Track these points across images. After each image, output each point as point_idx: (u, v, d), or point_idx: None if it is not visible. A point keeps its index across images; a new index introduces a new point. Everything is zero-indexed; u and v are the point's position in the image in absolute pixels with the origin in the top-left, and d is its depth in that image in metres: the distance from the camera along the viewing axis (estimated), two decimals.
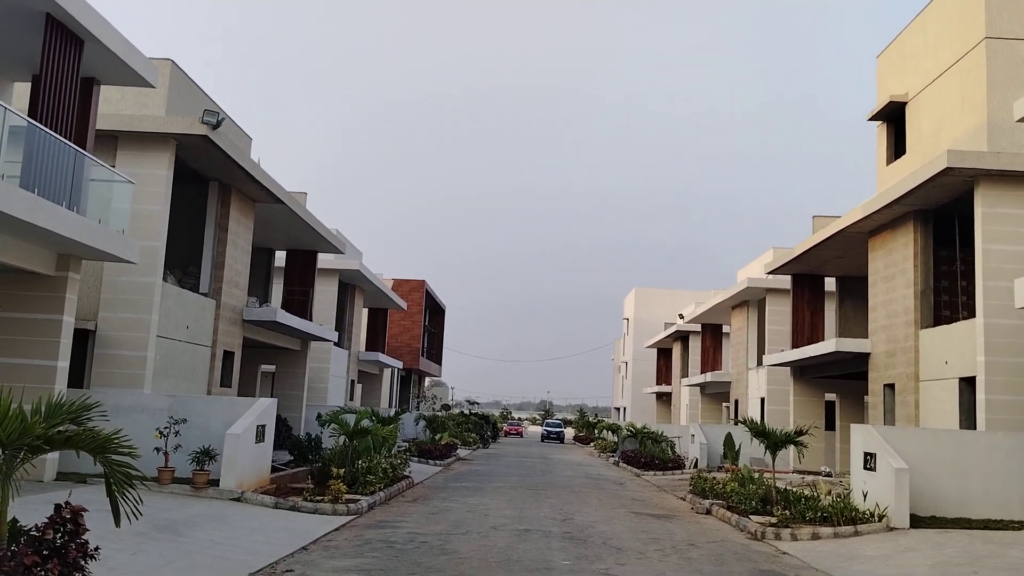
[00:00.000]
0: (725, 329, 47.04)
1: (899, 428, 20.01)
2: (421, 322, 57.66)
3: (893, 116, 26.20)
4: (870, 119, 26.89)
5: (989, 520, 15.25)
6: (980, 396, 18.36)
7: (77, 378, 17.58)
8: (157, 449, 15.17)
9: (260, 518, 13.61)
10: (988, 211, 18.89)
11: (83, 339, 17.81)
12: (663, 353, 64.17)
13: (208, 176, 21.21)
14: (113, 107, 20.94)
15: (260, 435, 16.49)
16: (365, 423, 19.53)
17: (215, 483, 15.22)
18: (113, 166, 17.22)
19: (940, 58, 23.56)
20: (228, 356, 22.60)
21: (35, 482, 13.90)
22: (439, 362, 67.53)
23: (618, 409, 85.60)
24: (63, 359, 14.91)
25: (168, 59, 21.70)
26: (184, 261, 21.50)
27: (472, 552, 11.67)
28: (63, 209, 13.09)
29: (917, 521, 14.92)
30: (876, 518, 14.81)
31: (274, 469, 18.19)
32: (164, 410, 16.03)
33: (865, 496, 15.64)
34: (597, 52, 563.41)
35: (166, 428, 15.46)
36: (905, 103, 25.39)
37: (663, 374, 63.86)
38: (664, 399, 64.05)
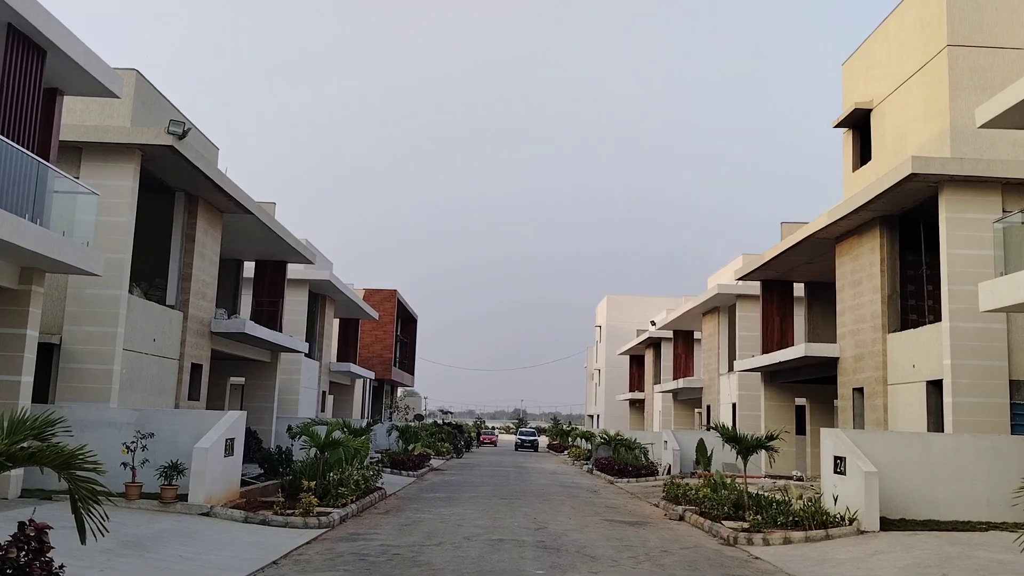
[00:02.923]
0: (696, 335, 47.30)
1: (868, 432, 20.22)
2: (393, 332, 57.40)
3: (858, 123, 26.54)
4: (836, 126, 27.22)
5: (957, 521, 15.43)
6: (947, 399, 18.58)
7: (42, 393, 17.28)
8: (124, 464, 14.93)
9: (229, 533, 13.44)
10: (952, 216, 19.16)
11: (48, 353, 17.51)
12: (635, 360, 64.39)
13: (174, 186, 20.97)
14: (77, 118, 20.66)
15: (229, 448, 16.29)
16: (336, 435, 19.37)
17: (183, 498, 15.01)
18: (77, 177, 16.99)
19: (903, 66, 23.92)
20: (196, 369, 22.34)
21: None
22: (411, 372, 67.25)
23: (592, 416, 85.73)
24: (27, 374, 14.64)
25: (133, 69, 21.46)
26: (150, 273, 21.23)
27: (445, 563, 11.60)
28: (26, 222, 12.87)
29: (887, 524, 15.05)
30: (847, 521, 14.93)
31: (244, 483, 17.98)
32: (131, 424, 15.80)
33: (836, 500, 15.76)
34: (569, 56, 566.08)
35: (133, 443, 15.23)
36: (870, 110, 25.74)
37: (636, 381, 64.08)
38: (637, 406, 64.25)
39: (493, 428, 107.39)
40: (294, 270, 32.53)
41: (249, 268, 29.80)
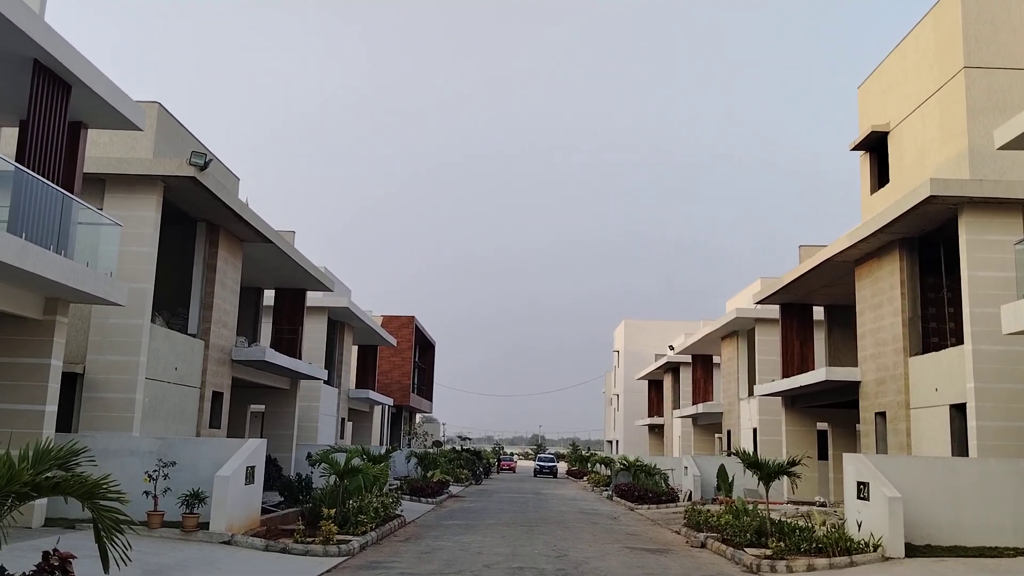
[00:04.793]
0: (715, 360, 47.05)
1: (891, 456, 20.01)
2: (411, 358, 57.50)
3: (875, 146, 26.50)
4: (853, 149, 27.18)
5: (984, 547, 15.20)
6: (971, 423, 18.38)
7: (65, 422, 17.44)
8: (146, 493, 15.02)
9: (250, 561, 13.45)
10: (972, 238, 19.06)
11: (71, 382, 17.68)
12: (654, 385, 64.10)
13: (196, 217, 21.23)
14: (101, 150, 20.97)
15: (250, 476, 16.34)
16: (356, 462, 19.38)
17: (205, 526, 15.05)
18: (101, 209, 17.22)
19: (920, 88, 23.91)
20: (217, 397, 22.46)
21: (23, 528, 13.71)
22: (430, 398, 67.24)
23: (611, 442, 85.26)
24: (51, 404, 14.78)
25: (155, 102, 21.81)
26: (172, 302, 21.44)
27: None
28: (50, 253, 13.07)
29: (912, 550, 14.86)
30: (871, 548, 14.75)
31: (264, 510, 18.00)
32: (153, 453, 15.89)
33: (860, 526, 15.58)
34: (590, 73, 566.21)
35: (155, 471, 15.31)
36: (887, 133, 25.70)
37: (655, 406, 63.73)
38: (656, 431, 63.85)
39: (512, 454, 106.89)
40: (313, 298, 32.76)
41: (269, 296, 30.02)
